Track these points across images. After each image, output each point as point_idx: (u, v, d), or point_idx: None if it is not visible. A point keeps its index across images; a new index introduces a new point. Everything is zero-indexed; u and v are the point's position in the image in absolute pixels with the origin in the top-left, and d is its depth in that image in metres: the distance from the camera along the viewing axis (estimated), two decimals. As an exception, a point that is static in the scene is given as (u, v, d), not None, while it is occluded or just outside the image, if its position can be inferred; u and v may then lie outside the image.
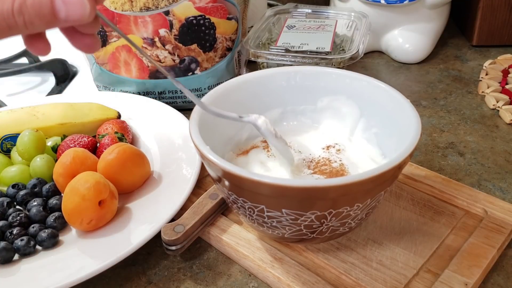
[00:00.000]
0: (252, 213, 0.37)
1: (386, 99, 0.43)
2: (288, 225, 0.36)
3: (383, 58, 0.80)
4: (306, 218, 0.35)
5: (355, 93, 0.46)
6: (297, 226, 0.36)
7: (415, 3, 0.73)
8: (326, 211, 0.35)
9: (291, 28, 0.71)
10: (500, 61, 0.72)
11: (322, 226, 0.36)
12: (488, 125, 0.62)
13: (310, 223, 0.36)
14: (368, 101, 0.45)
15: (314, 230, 0.37)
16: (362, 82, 0.45)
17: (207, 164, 0.37)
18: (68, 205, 0.45)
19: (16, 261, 0.44)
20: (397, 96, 0.42)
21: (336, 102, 0.47)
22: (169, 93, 0.67)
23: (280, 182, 0.33)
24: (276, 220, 0.36)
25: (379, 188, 0.35)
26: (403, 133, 0.39)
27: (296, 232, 0.37)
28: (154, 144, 0.58)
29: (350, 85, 0.46)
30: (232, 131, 0.47)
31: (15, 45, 0.85)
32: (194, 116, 0.41)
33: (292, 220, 0.36)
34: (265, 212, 0.36)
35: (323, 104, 0.48)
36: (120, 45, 0.64)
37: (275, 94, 0.48)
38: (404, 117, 0.40)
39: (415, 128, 0.38)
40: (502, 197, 0.49)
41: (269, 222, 0.37)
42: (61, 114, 0.58)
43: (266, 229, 0.38)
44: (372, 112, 0.45)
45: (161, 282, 0.43)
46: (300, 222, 0.36)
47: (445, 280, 0.39)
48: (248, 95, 0.47)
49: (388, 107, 0.43)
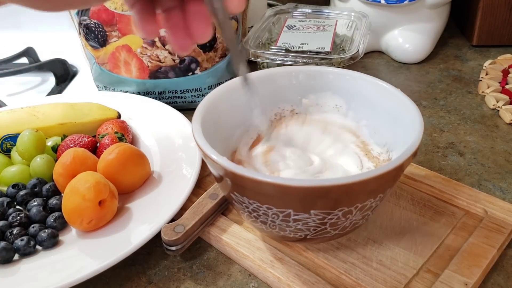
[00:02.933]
0: (255, 212, 0.37)
1: (388, 98, 0.43)
2: (290, 224, 0.36)
3: (383, 58, 0.80)
4: (307, 218, 0.35)
5: (358, 92, 0.46)
6: (299, 225, 0.36)
7: (415, 3, 0.73)
8: (328, 211, 0.35)
9: (291, 28, 0.71)
10: (500, 61, 0.72)
11: (325, 226, 0.36)
12: (488, 125, 0.62)
13: (312, 223, 0.36)
14: (371, 101, 0.45)
15: (316, 229, 0.37)
16: (365, 81, 0.45)
17: (211, 164, 0.37)
18: (68, 205, 0.45)
19: (16, 261, 0.44)
20: (400, 96, 0.42)
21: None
22: (169, 93, 0.67)
23: (282, 182, 0.33)
24: (278, 219, 0.36)
25: (381, 188, 0.35)
26: (406, 132, 0.39)
27: (298, 231, 0.37)
28: (154, 144, 0.58)
29: (351, 83, 0.46)
30: (236, 129, 0.47)
31: (15, 45, 0.86)
32: (196, 116, 0.41)
33: (294, 219, 0.36)
34: (266, 210, 0.36)
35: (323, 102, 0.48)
36: (120, 45, 0.64)
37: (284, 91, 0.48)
38: (407, 116, 0.40)
39: (418, 127, 0.37)
40: (502, 197, 0.49)
41: (270, 221, 0.37)
42: (61, 114, 0.58)
43: (266, 227, 0.38)
44: (372, 110, 0.45)
45: (161, 282, 0.43)
46: (302, 221, 0.36)
47: (445, 280, 0.39)
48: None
49: (390, 106, 0.43)
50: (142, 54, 0.64)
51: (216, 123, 0.43)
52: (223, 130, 0.45)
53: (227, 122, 0.45)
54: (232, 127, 0.46)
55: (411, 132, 0.38)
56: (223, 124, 0.45)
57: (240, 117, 0.46)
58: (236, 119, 0.46)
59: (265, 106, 0.47)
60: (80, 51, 0.70)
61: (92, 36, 0.65)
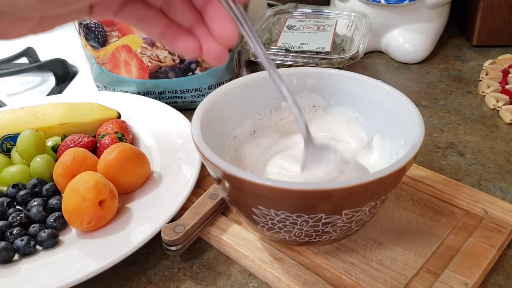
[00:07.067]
0: (255, 215, 0.37)
1: (389, 100, 0.43)
2: (290, 228, 0.36)
3: (383, 58, 0.80)
4: (307, 222, 0.35)
5: (358, 94, 0.46)
6: (299, 229, 0.36)
7: (415, 3, 0.73)
8: (330, 214, 0.34)
9: (291, 28, 0.71)
10: (500, 61, 0.72)
11: (327, 228, 0.36)
12: (488, 125, 0.62)
13: (312, 227, 0.36)
14: (370, 102, 0.45)
15: (317, 233, 0.37)
16: (363, 83, 0.45)
17: (209, 166, 0.37)
18: (68, 205, 0.45)
19: (16, 261, 0.44)
20: (401, 98, 0.42)
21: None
22: (169, 93, 0.67)
23: (282, 185, 0.33)
24: (280, 223, 0.36)
25: (383, 190, 0.35)
26: (407, 134, 0.39)
27: (298, 236, 0.37)
28: (154, 144, 0.58)
29: (353, 86, 0.46)
30: (235, 129, 0.47)
31: (15, 45, 0.85)
32: (196, 118, 0.40)
33: (294, 223, 0.36)
34: (265, 213, 0.36)
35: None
36: (120, 45, 0.64)
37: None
38: (408, 118, 0.40)
39: (419, 129, 0.37)
40: (502, 197, 0.49)
41: (270, 224, 0.37)
42: (61, 114, 0.58)
43: (266, 230, 0.38)
44: (374, 113, 0.45)
45: (161, 282, 0.43)
46: (302, 225, 0.36)
47: (445, 280, 0.39)
48: (261, 92, 0.47)
49: (391, 108, 0.43)
50: (142, 54, 0.64)
51: (216, 124, 0.43)
52: (223, 131, 0.45)
53: (227, 123, 0.45)
54: (232, 127, 0.46)
55: (412, 133, 0.38)
56: (223, 125, 0.45)
57: (240, 117, 0.46)
58: (236, 119, 0.46)
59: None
60: (80, 51, 0.70)
61: (92, 36, 0.65)
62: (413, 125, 0.39)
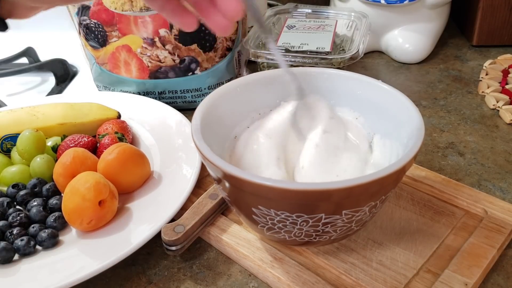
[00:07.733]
0: (255, 215, 0.37)
1: (389, 100, 0.43)
2: (290, 228, 0.36)
3: (383, 58, 0.80)
4: (307, 222, 0.35)
5: (358, 94, 0.46)
6: (299, 229, 0.36)
7: (415, 3, 0.73)
8: (330, 214, 0.35)
9: (291, 28, 0.71)
10: (500, 61, 0.72)
11: (327, 228, 0.36)
12: (488, 125, 0.62)
13: (312, 227, 0.36)
14: (370, 102, 0.45)
15: (317, 233, 0.37)
16: (363, 83, 0.45)
17: (209, 166, 0.37)
18: (68, 205, 0.45)
19: (16, 261, 0.44)
20: (401, 98, 0.42)
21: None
22: (169, 93, 0.67)
23: (281, 185, 0.33)
24: (280, 223, 0.36)
25: (383, 190, 0.35)
26: (407, 134, 0.39)
27: (298, 236, 0.37)
28: (154, 144, 0.58)
29: (352, 86, 0.46)
30: (235, 129, 0.47)
31: (15, 45, 0.85)
32: (196, 118, 0.40)
33: (294, 223, 0.36)
34: (266, 213, 0.36)
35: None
36: (120, 45, 0.64)
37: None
38: (408, 118, 0.40)
39: (419, 129, 0.37)
40: (502, 197, 0.49)
41: (270, 224, 0.37)
42: (61, 114, 0.58)
43: (266, 230, 0.38)
44: (374, 113, 0.45)
45: (161, 282, 0.43)
46: (302, 225, 0.36)
47: (445, 280, 0.39)
48: (260, 92, 0.47)
49: (391, 108, 0.43)
50: (142, 54, 0.64)
51: (216, 124, 0.43)
52: (223, 131, 0.45)
53: (227, 123, 0.45)
54: (232, 127, 0.46)
55: (412, 133, 0.38)
56: (223, 125, 0.45)
57: (240, 117, 0.46)
58: (236, 119, 0.46)
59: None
60: (80, 51, 0.70)
61: (92, 36, 0.65)
62: (413, 125, 0.39)
